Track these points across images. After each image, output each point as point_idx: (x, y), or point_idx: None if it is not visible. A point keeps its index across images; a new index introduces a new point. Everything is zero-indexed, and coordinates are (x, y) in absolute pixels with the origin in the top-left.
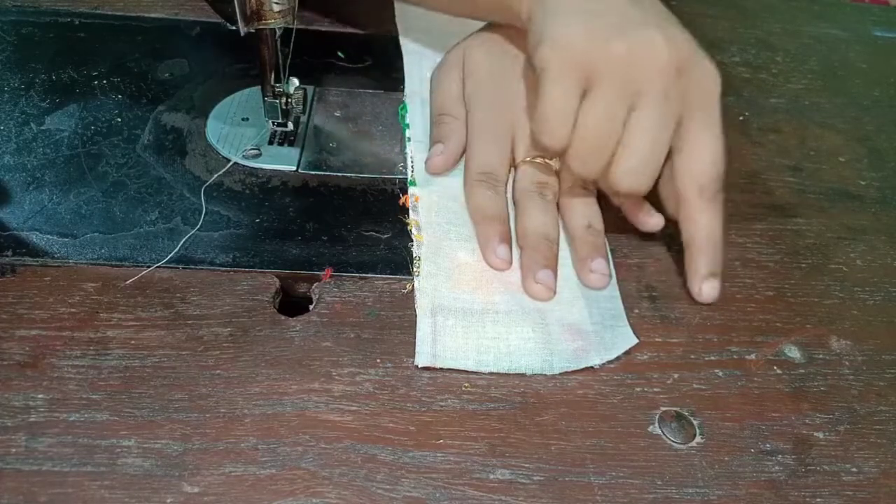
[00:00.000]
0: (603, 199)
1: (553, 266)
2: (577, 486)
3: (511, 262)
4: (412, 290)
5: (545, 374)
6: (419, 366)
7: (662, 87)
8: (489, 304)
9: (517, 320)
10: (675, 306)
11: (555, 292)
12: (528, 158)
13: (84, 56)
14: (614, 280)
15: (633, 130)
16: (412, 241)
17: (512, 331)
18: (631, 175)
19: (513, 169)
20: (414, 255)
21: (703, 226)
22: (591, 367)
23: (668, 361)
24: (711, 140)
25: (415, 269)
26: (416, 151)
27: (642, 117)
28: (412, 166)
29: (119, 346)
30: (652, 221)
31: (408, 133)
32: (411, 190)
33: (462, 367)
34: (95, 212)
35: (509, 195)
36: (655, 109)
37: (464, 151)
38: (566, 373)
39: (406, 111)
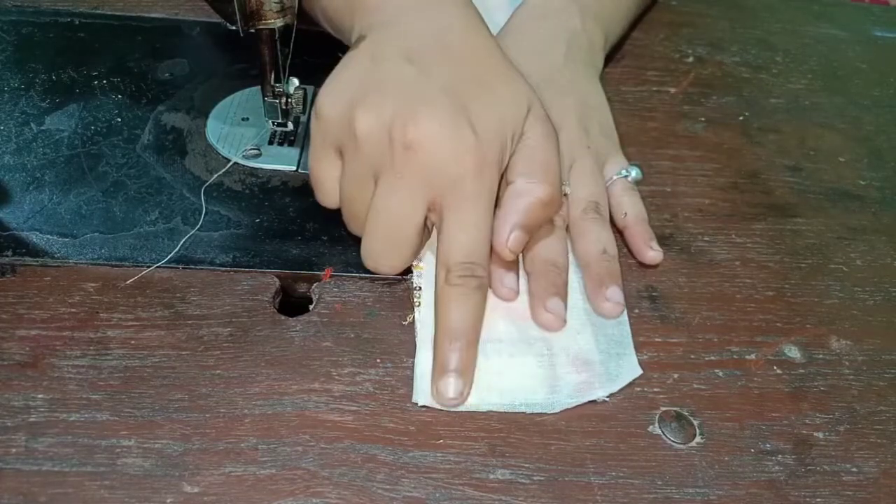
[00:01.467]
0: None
1: (563, 294)
2: (577, 486)
3: (518, 292)
4: (412, 321)
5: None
6: (419, 404)
7: (393, 165)
8: (492, 332)
9: (522, 350)
10: (675, 306)
11: (565, 321)
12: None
13: (84, 56)
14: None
15: (370, 210)
16: (411, 271)
17: (515, 363)
18: (367, 256)
19: None
20: (414, 284)
21: (449, 315)
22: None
23: (668, 361)
24: (457, 223)
25: (415, 300)
26: None
27: (376, 196)
28: None
29: (119, 346)
30: (650, 255)
31: None
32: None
33: (464, 409)
34: (95, 212)
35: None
36: (387, 188)
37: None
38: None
39: None
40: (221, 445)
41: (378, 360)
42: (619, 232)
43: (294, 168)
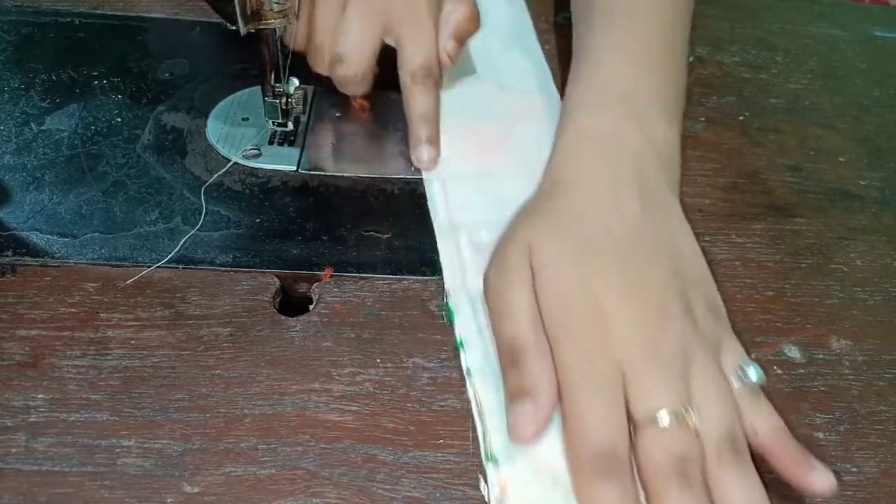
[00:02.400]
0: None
1: None
2: None
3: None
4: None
5: None
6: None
7: None
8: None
9: None
10: None
11: None
12: (654, 416)
13: (84, 56)
14: None
15: (337, 31)
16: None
17: None
18: (337, 77)
19: (631, 429)
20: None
21: (416, 105)
22: None
23: None
24: (417, 34)
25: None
26: (483, 391)
27: (344, 17)
28: (482, 427)
29: (119, 346)
30: (813, 479)
31: (464, 361)
32: (492, 474)
33: None
34: (95, 212)
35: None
36: (353, 11)
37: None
38: None
39: (453, 315)
40: (221, 445)
41: (378, 360)
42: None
43: (294, 168)
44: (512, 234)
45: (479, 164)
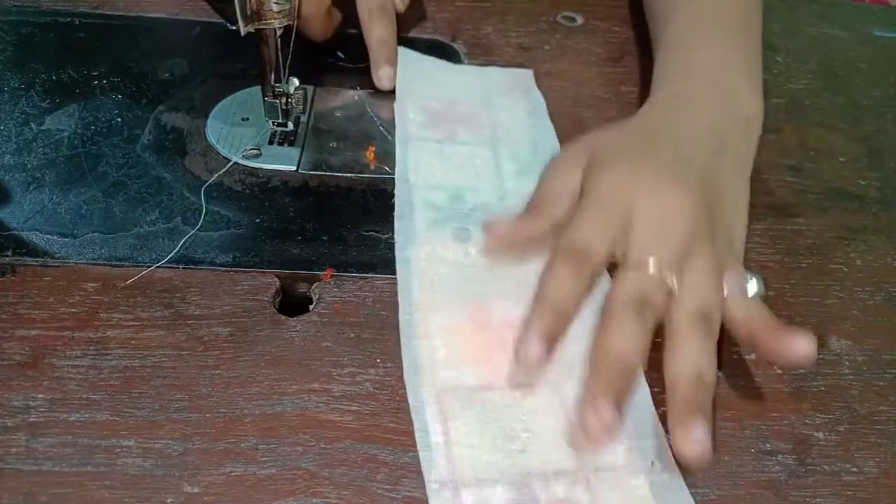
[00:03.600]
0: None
1: (623, 401)
2: None
3: (544, 367)
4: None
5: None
6: None
7: None
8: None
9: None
10: None
11: (614, 435)
12: (640, 260)
13: (84, 56)
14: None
15: None
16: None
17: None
18: None
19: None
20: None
21: (374, 32)
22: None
23: None
24: None
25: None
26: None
27: None
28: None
29: (119, 346)
30: (796, 342)
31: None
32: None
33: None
34: (95, 212)
35: (598, 302)
36: None
37: (518, 245)
38: None
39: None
40: (221, 445)
41: (378, 360)
42: (744, 344)
43: (294, 168)
44: (583, 138)
45: (447, 130)
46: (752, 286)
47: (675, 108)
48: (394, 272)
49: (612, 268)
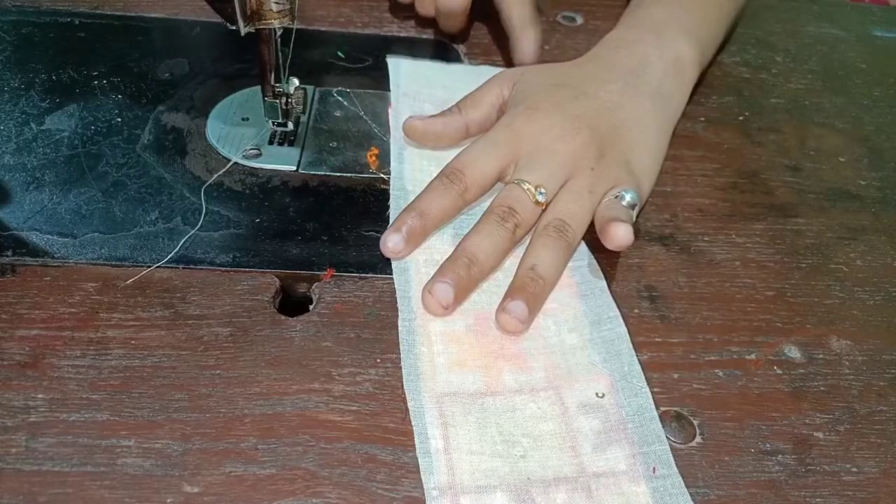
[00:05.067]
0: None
1: (462, 288)
2: None
3: (399, 253)
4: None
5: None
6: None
7: None
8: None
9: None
10: (675, 306)
11: (446, 310)
12: (516, 180)
13: (84, 56)
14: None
15: None
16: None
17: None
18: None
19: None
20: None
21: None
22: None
23: (668, 361)
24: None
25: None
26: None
27: None
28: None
29: (119, 346)
30: (614, 229)
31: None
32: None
33: None
34: (95, 212)
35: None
36: None
37: (436, 143)
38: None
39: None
40: (221, 445)
41: (378, 360)
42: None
43: (294, 168)
44: (523, 68)
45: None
46: (629, 196)
47: (605, 49)
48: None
49: None
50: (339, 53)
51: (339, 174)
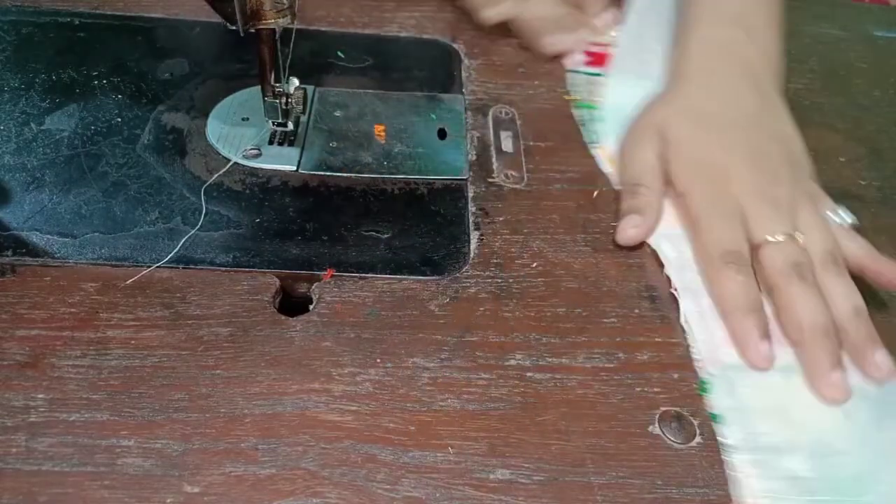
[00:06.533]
0: None
1: (841, 363)
2: (577, 486)
3: (773, 360)
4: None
5: None
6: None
7: None
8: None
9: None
10: (675, 306)
11: (849, 393)
12: (771, 237)
13: (84, 56)
14: None
15: None
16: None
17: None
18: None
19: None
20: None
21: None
22: (594, 367)
23: (668, 361)
24: None
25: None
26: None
27: None
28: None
29: (119, 346)
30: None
31: (723, 436)
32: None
33: None
34: (95, 212)
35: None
36: None
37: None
38: (566, 373)
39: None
40: (221, 445)
41: (378, 360)
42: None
43: (294, 168)
44: (646, 113)
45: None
46: (846, 218)
47: (712, 58)
48: (393, 272)
49: None
50: (339, 53)
51: (339, 174)
